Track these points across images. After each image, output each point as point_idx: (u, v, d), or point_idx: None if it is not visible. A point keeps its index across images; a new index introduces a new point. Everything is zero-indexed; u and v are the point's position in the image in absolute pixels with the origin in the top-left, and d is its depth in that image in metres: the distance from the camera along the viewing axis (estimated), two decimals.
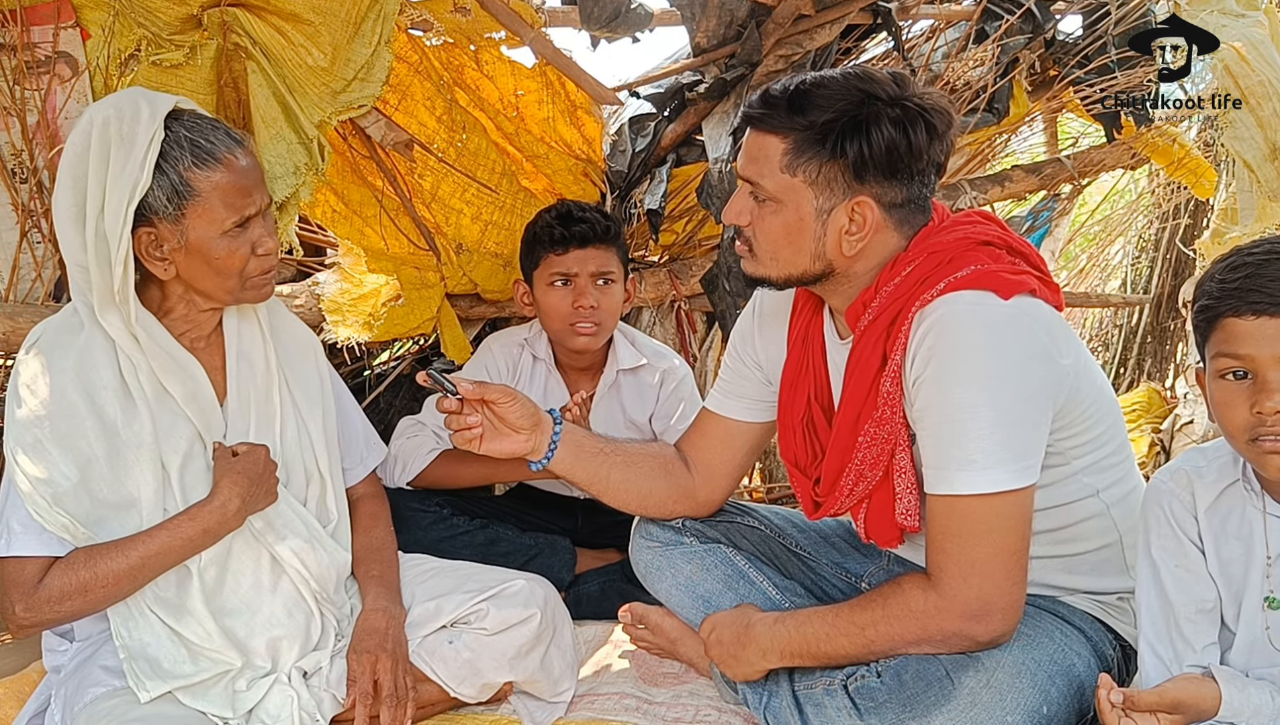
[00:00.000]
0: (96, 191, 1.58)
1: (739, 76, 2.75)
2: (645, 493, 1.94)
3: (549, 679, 1.89)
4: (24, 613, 1.60)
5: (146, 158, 1.57)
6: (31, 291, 2.17)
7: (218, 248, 1.64)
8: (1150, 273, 5.34)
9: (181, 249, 1.63)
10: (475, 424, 1.77)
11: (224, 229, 1.63)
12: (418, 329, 2.76)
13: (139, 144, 1.57)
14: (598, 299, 2.39)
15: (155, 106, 1.61)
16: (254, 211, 1.66)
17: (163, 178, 1.59)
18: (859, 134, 1.55)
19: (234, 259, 1.65)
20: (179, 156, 1.59)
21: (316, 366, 1.92)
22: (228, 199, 1.62)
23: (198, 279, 1.67)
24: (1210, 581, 1.45)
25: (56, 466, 1.61)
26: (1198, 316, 1.38)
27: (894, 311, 1.60)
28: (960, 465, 1.51)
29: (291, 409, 1.84)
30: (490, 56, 2.59)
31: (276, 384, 1.82)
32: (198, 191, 1.61)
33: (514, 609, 1.82)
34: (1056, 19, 3.31)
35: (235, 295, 1.70)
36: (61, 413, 1.62)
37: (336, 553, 1.82)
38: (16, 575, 1.61)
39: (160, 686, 1.62)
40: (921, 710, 1.53)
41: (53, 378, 1.63)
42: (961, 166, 3.77)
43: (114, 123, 1.58)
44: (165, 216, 1.61)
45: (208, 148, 1.61)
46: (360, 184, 2.63)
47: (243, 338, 1.80)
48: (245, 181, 1.65)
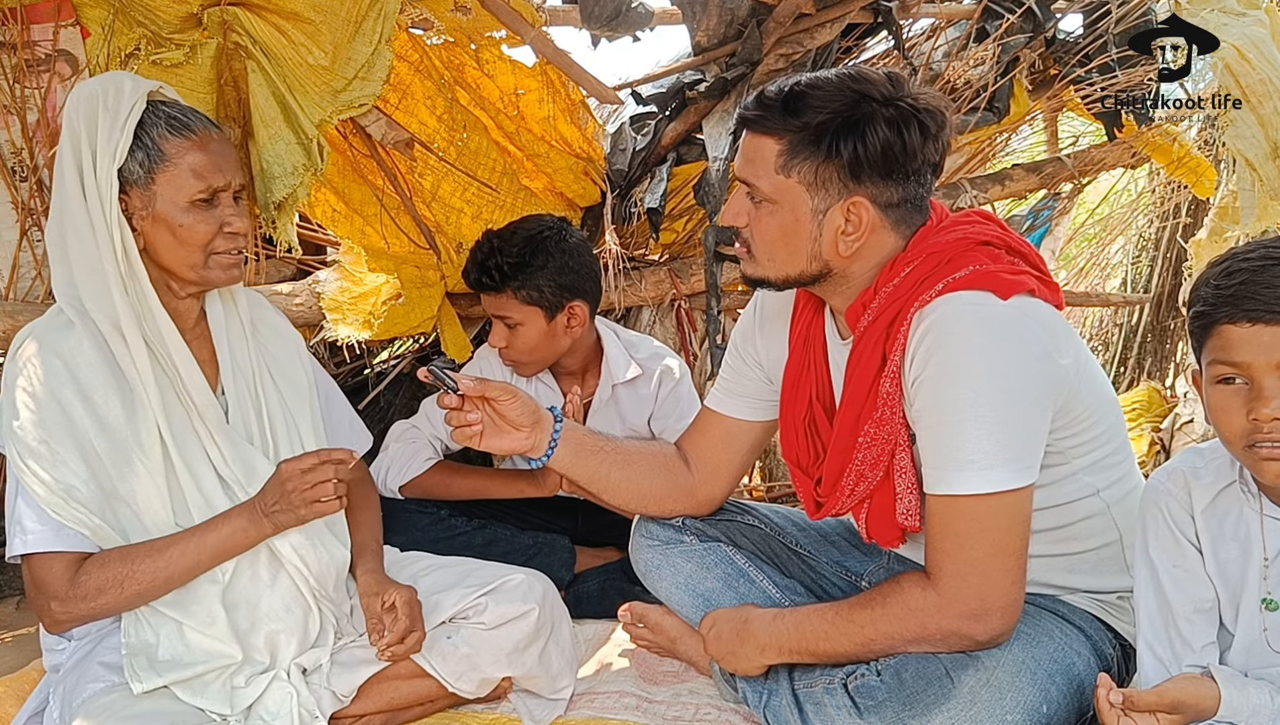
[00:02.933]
0: (90, 158, 1.63)
1: (740, 75, 2.75)
2: (645, 491, 1.95)
3: (548, 675, 1.89)
4: (59, 608, 1.63)
5: (127, 123, 1.63)
6: (31, 290, 2.18)
7: (182, 218, 1.66)
8: (1150, 272, 5.34)
9: (149, 217, 1.67)
10: (476, 421, 1.77)
11: (190, 198, 1.66)
12: (418, 328, 2.76)
13: (122, 111, 1.64)
14: (507, 339, 2.41)
15: (138, 81, 1.69)
16: (222, 185, 1.69)
17: (138, 144, 1.64)
18: (853, 134, 1.55)
19: (197, 232, 1.67)
20: (154, 123, 1.66)
21: (300, 359, 1.93)
22: (196, 168, 1.66)
23: (162, 251, 1.69)
24: (1208, 582, 1.45)
25: (65, 464, 1.62)
26: (1193, 322, 1.37)
27: (893, 312, 1.60)
28: (959, 465, 1.51)
29: (278, 401, 1.84)
30: (491, 55, 2.59)
31: (262, 375, 1.83)
32: (167, 156, 1.65)
33: (512, 604, 1.83)
34: (1057, 18, 3.31)
35: (199, 272, 1.71)
36: (60, 413, 1.63)
37: (336, 549, 1.82)
38: (46, 573, 1.63)
39: (155, 680, 1.62)
40: (921, 709, 1.53)
41: (47, 379, 1.64)
42: (962, 165, 3.77)
43: (100, 95, 1.65)
44: (136, 182, 1.65)
45: (183, 120, 1.68)
46: (361, 183, 2.63)
47: (230, 328, 1.82)
48: (216, 157, 1.69)
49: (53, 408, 1.63)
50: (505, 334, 2.41)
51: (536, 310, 2.38)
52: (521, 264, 2.34)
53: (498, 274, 2.35)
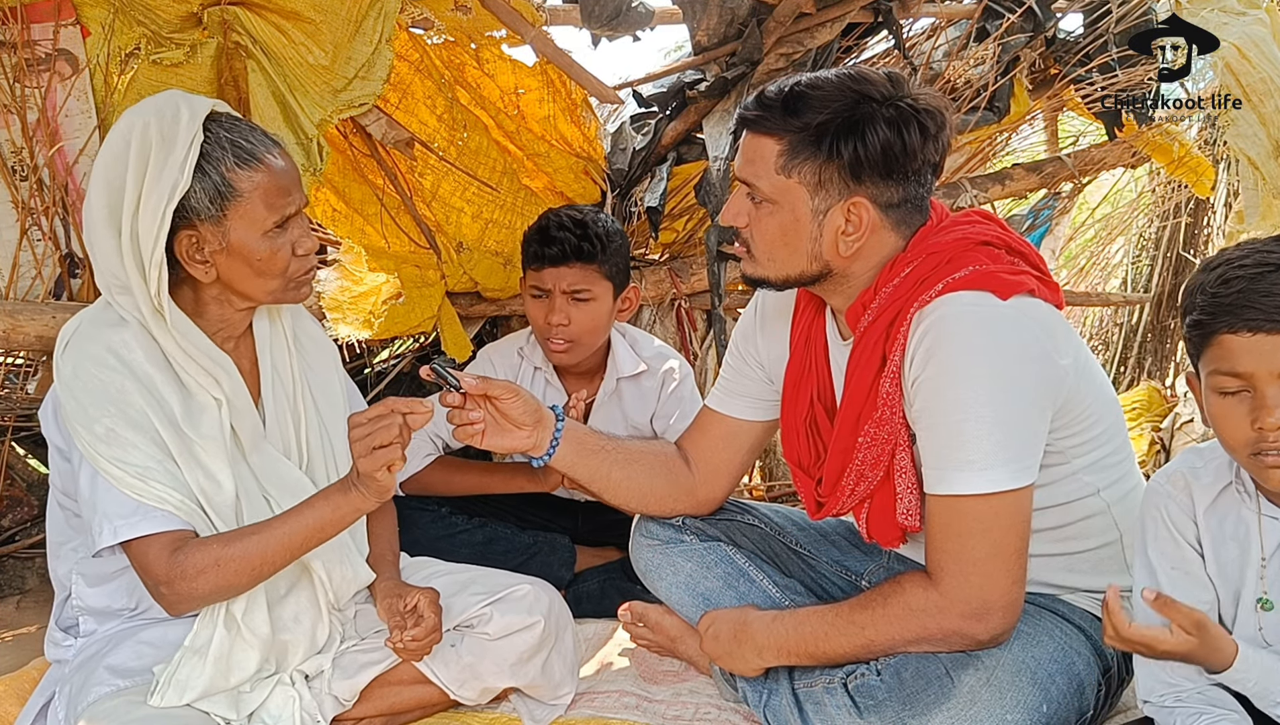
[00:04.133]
0: (133, 194, 1.57)
1: (740, 75, 2.75)
2: (646, 490, 1.95)
3: (549, 684, 1.89)
4: (166, 590, 1.58)
5: (187, 159, 1.56)
6: (31, 289, 2.18)
7: (259, 248, 1.62)
8: (1150, 271, 5.34)
9: (223, 251, 1.62)
10: (478, 419, 1.77)
11: (265, 229, 1.62)
12: (418, 327, 2.76)
13: (179, 145, 1.56)
14: (570, 316, 2.36)
15: (195, 108, 1.60)
16: (293, 211, 1.65)
17: (204, 179, 1.58)
18: (854, 135, 1.55)
19: (275, 260, 1.64)
20: (220, 157, 1.59)
21: (337, 372, 1.92)
22: (269, 199, 1.62)
23: (238, 280, 1.65)
24: (1207, 584, 1.45)
25: (136, 447, 1.58)
26: (1190, 330, 1.36)
27: (893, 312, 1.60)
28: (959, 465, 1.51)
29: (314, 414, 1.83)
30: (491, 55, 2.59)
31: (301, 388, 1.82)
32: (239, 192, 1.60)
33: (518, 614, 1.82)
34: (1057, 17, 3.31)
35: (276, 296, 1.69)
36: (123, 400, 1.59)
37: (361, 568, 1.82)
38: (144, 557, 1.58)
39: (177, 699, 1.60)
40: (921, 708, 1.54)
41: (103, 370, 1.60)
42: (962, 165, 3.77)
43: (154, 125, 1.57)
44: (207, 218, 1.60)
45: (248, 148, 1.61)
46: (361, 182, 2.63)
47: (274, 340, 1.80)
48: (285, 181, 1.64)
49: (114, 395, 1.59)
50: (571, 310, 2.36)
51: (610, 287, 2.39)
52: (609, 237, 2.37)
53: (598, 242, 2.34)
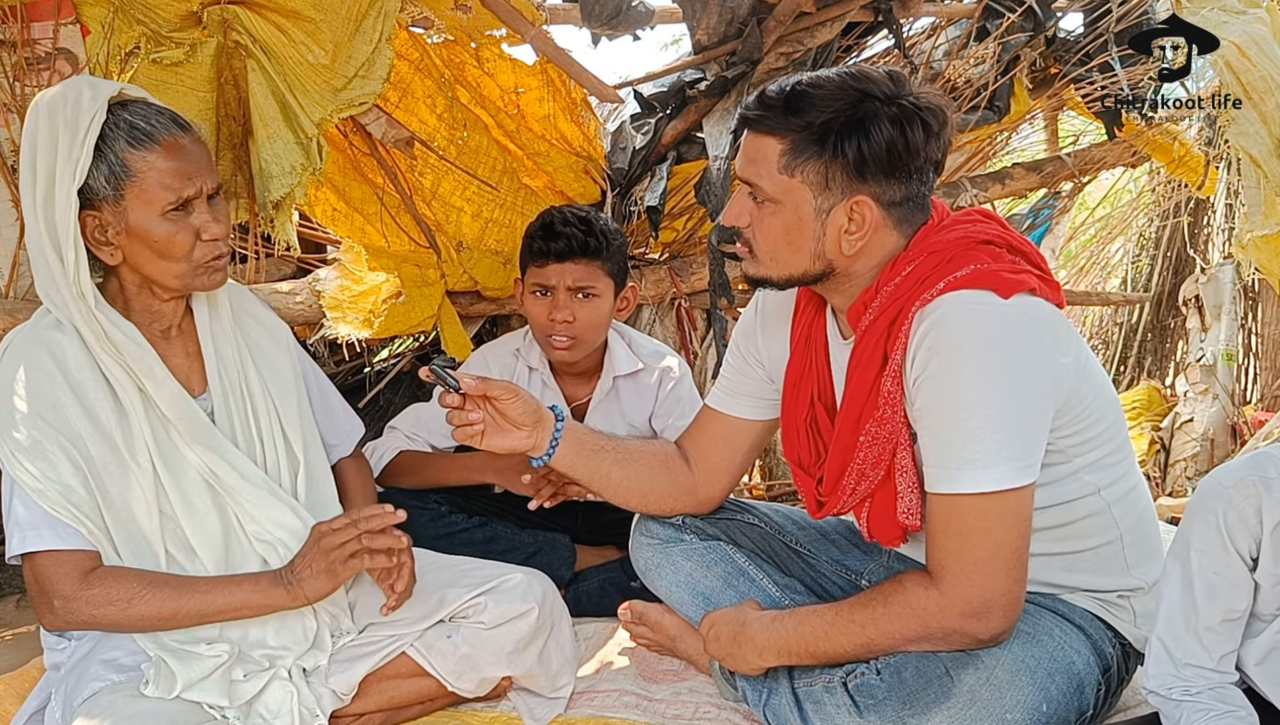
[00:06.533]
0: (45, 178, 1.59)
1: (740, 74, 2.75)
2: (646, 490, 1.95)
3: (547, 674, 1.89)
4: (62, 606, 1.61)
5: (86, 138, 1.58)
6: (31, 288, 2.17)
7: (158, 230, 1.63)
8: (1150, 271, 5.35)
9: (123, 232, 1.63)
10: (477, 420, 1.77)
11: (161, 210, 1.63)
12: (418, 326, 2.76)
13: (81, 126, 1.58)
14: (574, 312, 2.35)
15: (98, 90, 1.62)
16: (193, 194, 1.65)
17: (101, 159, 1.60)
18: (857, 133, 1.55)
19: (176, 242, 1.64)
20: (115, 137, 1.60)
21: (288, 352, 1.92)
22: (164, 180, 1.62)
23: (144, 264, 1.66)
24: (1247, 592, 1.39)
25: (59, 465, 1.61)
26: None
27: (894, 311, 1.60)
28: (960, 464, 1.51)
29: (262, 392, 1.84)
30: (491, 54, 2.59)
31: (251, 372, 1.83)
32: (133, 172, 1.61)
33: (512, 603, 1.82)
34: (1057, 16, 3.31)
35: (185, 281, 1.69)
36: (54, 412, 1.62)
37: None
38: (52, 571, 1.61)
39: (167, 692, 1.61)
40: (921, 707, 1.53)
41: (39, 378, 1.62)
42: (962, 164, 3.77)
43: (60, 108, 1.59)
44: (106, 199, 1.61)
45: (145, 129, 1.62)
46: (361, 181, 2.63)
47: (215, 327, 1.80)
48: (184, 164, 1.64)
49: (46, 407, 1.62)
50: (575, 306, 2.36)
51: (612, 284, 2.41)
52: (611, 235, 2.39)
53: (603, 239, 2.36)
